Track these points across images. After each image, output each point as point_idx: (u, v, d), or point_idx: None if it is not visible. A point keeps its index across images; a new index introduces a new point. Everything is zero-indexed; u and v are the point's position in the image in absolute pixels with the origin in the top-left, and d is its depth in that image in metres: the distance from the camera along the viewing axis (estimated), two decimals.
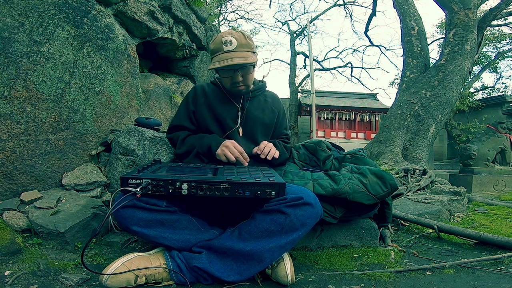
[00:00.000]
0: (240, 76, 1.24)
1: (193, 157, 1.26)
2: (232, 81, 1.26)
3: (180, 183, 0.92)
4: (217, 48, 1.22)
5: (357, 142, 14.81)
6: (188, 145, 1.29)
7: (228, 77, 1.26)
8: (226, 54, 1.19)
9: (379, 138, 4.22)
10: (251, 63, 1.23)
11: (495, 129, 4.88)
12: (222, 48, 1.20)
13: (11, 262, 1.02)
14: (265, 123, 1.39)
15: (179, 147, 1.31)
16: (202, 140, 1.26)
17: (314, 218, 0.96)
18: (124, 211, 0.92)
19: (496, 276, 1.09)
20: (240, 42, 1.21)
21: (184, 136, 1.32)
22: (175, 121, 1.37)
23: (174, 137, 1.36)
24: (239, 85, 1.27)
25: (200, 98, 1.35)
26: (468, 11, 4.55)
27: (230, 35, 1.21)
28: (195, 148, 1.26)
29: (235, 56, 1.19)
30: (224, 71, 1.24)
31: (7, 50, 1.26)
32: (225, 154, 1.18)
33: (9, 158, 1.29)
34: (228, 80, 1.27)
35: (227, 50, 1.19)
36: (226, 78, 1.27)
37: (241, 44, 1.21)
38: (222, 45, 1.20)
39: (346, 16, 28.90)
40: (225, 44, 1.19)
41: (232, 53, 1.19)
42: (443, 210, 1.97)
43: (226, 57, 1.19)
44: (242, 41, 1.22)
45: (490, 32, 11.63)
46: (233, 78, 1.25)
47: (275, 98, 1.50)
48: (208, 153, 1.24)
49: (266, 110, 1.41)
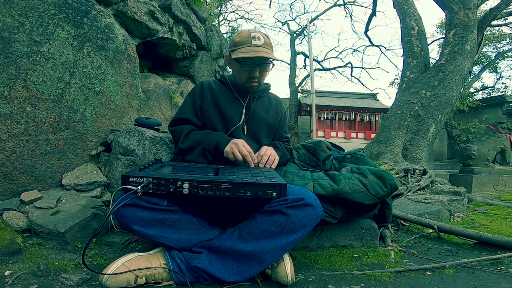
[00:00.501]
0: (258, 72, 1.27)
1: (198, 153, 1.25)
2: (249, 75, 1.28)
3: (181, 182, 0.92)
4: (245, 41, 1.24)
5: (357, 142, 14.81)
6: (193, 140, 1.27)
7: (248, 70, 1.27)
8: (255, 47, 1.22)
9: (379, 138, 4.22)
10: (274, 59, 1.27)
11: (495, 129, 4.89)
12: (250, 41, 1.23)
13: (11, 262, 1.02)
14: (269, 124, 1.41)
15: (182, 141, 1.28)
16: (209, 137, 1.25)
17: (314, 219, 0.96)
18: (125, 210, 0.92)
19: (496, 276, 1.09)
20: (266, 41, 1.25)
21: (189, 130, 1.30)
22: (180, 114, 1.35)
23: (177, 130, 1.32)
24: (254, 81, 1.29)
25: (207, 94, 1.35)
26: (468, 11, 4.55)
27: (257, 32, 1.26)
28: (201, 144, 1.24)
29: (263, 50, 1.23)
30: (246, 64, 1.25)
31: (7, 50, 1.26)
32: (233, 152, 1.17)
33: (9, 158, 1.29)
34: (246, 73, 1.28)
35: (256, 44, 1.23)
36: (244, 71, 1.28)
37: (267, 43, 1.26)
38: (250, 39, 1.23)
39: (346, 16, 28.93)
40: (254, 38, 1.23)
41: (260, 47, 1.23)
42: (443, 210, 1.97)
43: (255, 50, 1.22)
44: (267, 40, 1.27)
45: (490, 32, 11.63)
46: (251, 72, 1.27)
47: (279, 101, 1.53)
48: (215, 150, 1.23)
49: (271, 111, 1.43)
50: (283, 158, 1.40)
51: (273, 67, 1.31)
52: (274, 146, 1.37)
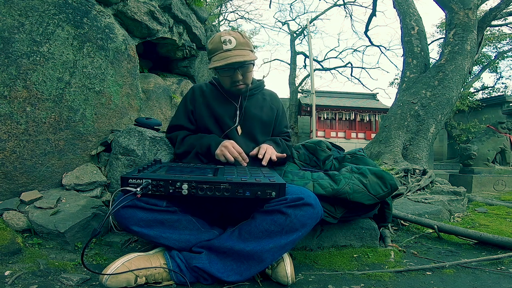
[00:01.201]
0: (240, 74, 1.24)
1: (193, 157, 1.26)
2: (232, 80, 1.26)
3: (180, 183, 0.92)
4: (216, 47, 1.21)
5: (357, 142, 14.81)
6: (187, 145, 1.29)
7: (228, 76, 1.25)
8: (226, 53, 1.19)
9: (379, 138, 4.22)
10: (251, 61, 1.23)
11: (495, 129, 4.88)
12: (221, 47, 1.20)
13: (11, 262, 1.02)
14: (264, 121, 1.39)
15: (178, 147, 1.31)
16: (201, 140, 1.26)
17: (314, 218, 0.96)
18: (125, 211, 0.92)
19: (496, 276, 1.09)
20: (239, 41, 1.21)
21: (183, 136, 1.32)
22: (174, 121, 1.38)
23: (173, 136, 1.37)
24: (239, 84, 1.27)
25: (199, 98, 1.35)
26: (468, 11, 4.55)
27: (228, 34, 1.21)
28: (194, 148, 1.26)
29: (235, 54, 1.19)
30: (224, 70, 1.24)
31: (7, 50, 1.26)
32: (224, 155, 1.18)
33: (9, 158, 1.29)
34: (228, 79, 1.27)
35: (227, 49, 1.19)
36: (226, 77, 1.27)
37: (240, 42, 1.21)
38: (221, 44, 1.20)
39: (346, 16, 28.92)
40: (224, 43, 1.19)
41: (232, 52, 1.19)
42: (443, 210, 1.97)
43: (226, 56, 1.19)
44: (241, 40, 1.22)
45: (490, 32, 11.62)
46: (233, 77, 1.25)
47: (274, 96, 1.50)
48: (207, 153, 1.24)
49: (265, 108, 1.41)
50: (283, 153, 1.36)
51: (254, 66, 1.28)
52: (274, 142, 1.36)
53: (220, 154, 1.19)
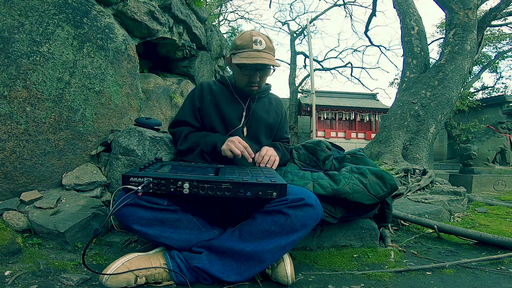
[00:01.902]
0: (258, 76, 1.26)
1: (197, 155, 1.26)
2: (249, 80, 1.27)
3: (181, 182, 0.92)
4: (246, 44, 1.22)
5: (357, 142, 14.82)
6: (191, 142, 1.28)
7: (248, 75, 1.26)
8: (256, 52, 1.21)
9: (379, 138, 4.22)
10: (274, 66, 1.25)
11: (495, 129, 4.89)
12: (251, 46, 1.21)
13: (11, 262, 1.02)
14: (269, 124, 1.40)
15: (181, 143, 1.30)
16: (206, 138, 1.26)
17: (314, 219, 0.96)
18: (126, 209, 0.92)
19: (496, 276, 1.09)
20: (268, 44, 1.23)
21: (187, 132, 1.31)
22: (179, 116, 1.36)
23: (177, 132, 1.35)
24: (254, 85, 1.28)
25: (207, 96, 1.35)
26: (468, 11, 4.55)
27: (259, 35, 1.23)
28: (199, 146, 1.25)
29: (264, 56, 1.21)
30: (247, 69, 1.24)
31: (7, 50, 1.26)
32: (231, 149, 1.18)
33: (9, 158, 1.29)
34: (246, 78, 1.27)
35: (257, 49, 1.21)
36: (244, 76, 1.27)
37: (269, 47, 1.24)
38: (251, 43, 1.21)
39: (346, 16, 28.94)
40: (255, 43, 1.21)
41: (261, 53, 1.21)
42: (443, 210, 1.97)
43: (256, 55, 1.20)
44: (269, 44, 1.24)
45: (490, 32, 11.63)
46: (251, 77, 1.26)
47: (279, 101, 1.52)
48: (212, 151, 1.24)
49: (271, 112, 1.42)
50: (283, 158, 1.40)
51: (274, 72, 1.30)
52: (274, 147, 1.37)
53: (226, 149, 1.19)
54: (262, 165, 1.23)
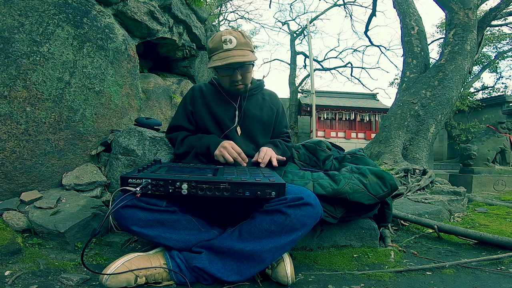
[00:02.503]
0: (239, 74, 1.24)
1: (192, 157, 1.27)
2: (231, 80, 1.26)
3: (180, 183, 0.92)
4: (217, 46, 1.21)
5: (357, 142, 14.81)
6: (187, 145, 1.29)
7: (227, 75, 1.26)
8: (226, 52, 1.19)
9: (379, 138, 4.22)
10: (251, 61, 1.23)
11: (495, 129, 4.88)
12: (222, 47, 1.20)
13: (11, 262, 1.02)
14: (264, 121, 1.39)
15: (178, 147, 1.31)
16: (200, 141, 1.27)
17: (314, 218, 0.96)
18: (124, 211, 0.92)
19: (496, 276, 1.09)
20: (239, 41, 1.21)
21: (183, 136, 1.33)
22: (174, 122, 1.38)
23: (173, 137, 1.37)
24: (238, 84, 1.28)
25: (198, 99, 1.36)
26: (468, 11, 4.55)
27: (229, 34, 1.21)
28: (194, 149, 1.26)
29: (235, 54, 1.19)
30: (224, 70, 1.24)
31: (7, 50, 1.26)
32: (223, 155, 1.18)
33: (9, 158, 1.29)
34: (227, 79, 1.27)
35: (227, 49, 1.19)
36: (225, 77, 1.27)
37: (241, 43, 1.21)
38: (221, 43, 1.20)
39: (346, 16, 28.91)
40: (225, 42, 1.19)
41: (232, 52, 1.19)
42: (443, 210, 1.97)
43: (226, 56, 1.19)
44: (242, 40, 1.22)
45: (490, 32, 11.63)
46: (232, 77, 1.25)
47: (274, 96, 1.49)
48: (206, 153, 1.25)
49: (265, 108, 1.41)
50: (283, 155, 1.38)
51: (254, 66, 1.28)
52: (273, 145, 1.36)
53: (219, 155, 1.19)
54: (262, 165, 1.22)
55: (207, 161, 1.27)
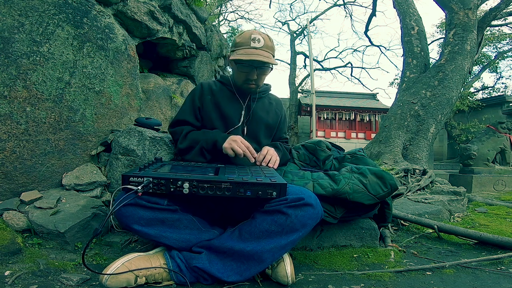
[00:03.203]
0: (256, 74, 1.26)
1: (196, 152, 1.26)
2: (246, 77, 1.28)
3: (181, 182, 0.92)
4: (245, 42, 1.24)
5: (357, 142, 14.81)
6: (191, 140, 1.28)
7: (245, 72, 1.27)
8: (253, 49, 1.22)
9: (379, 138, 4.22)
10: (271, 64, 1.26)
11: (495, 129, 4.89)
12: (249, 43, 1.22)
13: (11, 262, 1.02)
14: (269, 124, 1.41)
15: (181, 141, 1.30)
16: (206, 135, 1.26)
17: (314, 219, 0.96)
18: (126, 209, 0.92)
19: (496, 276, 1.09)
20: (267, 43, 1.24)
21: (188, 131, 1.32)
22: (180, 116, 1.37)
23: (177, 131, 1.35)
24: (251, 83, 1.29)
25: (207, 95, 1.36)
26: (468, 11, 4.55)
27: (258, 34, 1.25)
28: (199, 143, 1.25)
29: (261, 53, 1.22)
30: (244, 66, 1.25)
31: (7, 50, 1.26)
32: (233, 148, 1.18)
33: (9, 158, 1.29)
34: (244, 75, 1.28)
35: (255, 47, 1.22)
36: (242, 73, 1.28)
37: (267, 45, 1.24)
38: (250, 40, 1.22)
39: (346, 16, 28.94)
40: (254, 40, 1.22)
41: (259, 50, 1.22)
42: (443, 210, 1.97)
43: (252, 52, 1.21)
44: (269, 43, 1.25)
45: (490, 32, 11.63)
46: (249, 75, 1.27)
47: (279, 102, 1.53)
48: (212, 148, 1.24)
49: (271, 112, 1.44)
50: (283, 158, 1.41)
51: (271, 70, 1.30)
52: (274, 147, 1.38)
53: (228, 147, 1.19)
54: (263, 164, 1.23)
55: (211, 157, 1.27)
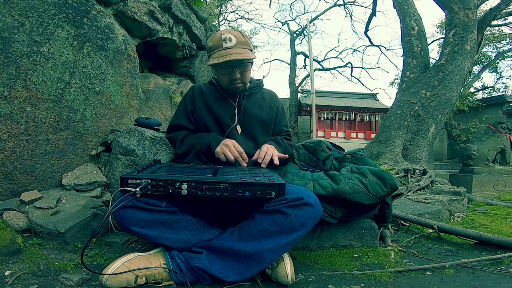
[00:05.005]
0: (238, 73, 1.25)
1: (193, 156, 1.26)
2: (230, 78, 1.27)
3: (179, 183, 0.92)
4: (216, 45, 1.23)
5: (357, 142, 14.81)
6: (188, 144, 1.29)
7: (226, 73, 1.26)
8: (225, 50, 1.20)
9: (379, 138, 4.22)
10: (249, 59, 1.24)
11: (495, 129, 4.88)
12: (221, 45, 1.21)
13: (11, 262, 1.02)
14: (263, 120, 1.39)
15: (179, 147, 1.31)
16: (201, 139, 1.27)
17: (314, 218, 0.96)
18: (124, 211, 0.92)
19: (496, 276, 1.09)
20: (239, 39, 1.22)
21: (184, 135, 1.33)
22: (174, 121, 1.38)
23: (173, 137, 1.37)
24: (236, 82, 1.28)
25: (198, 98, 1.36)
26: (468, 11, 4.55)
27: (229, 33, 1.23)
28: (195, 147, 1.26)
29: (234, 52, 1.20)
30: (223, 68, 1.24)
31: (7, 50, 1.26)
32: (225, 153, 1.18)
33: (9, 158, 1.29)
34: (226, 77, 1.27)
35: (227, 47, 1.21)
36: (224, 75, 1.28)
37: (240, 41, 1.23)
38: (221, 42, 1.21)
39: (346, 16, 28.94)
40: (225, 41, 1.21)
41: (231, 50, 1.20)
42: (443, 210, 1.97)
43: (225, 53, 1.20)
44: (241, 39, 1.23)
45: (490, 32, 11.62)
46: (231, 75, 1.26)
47: (273, 95, 1.50)
48: (207, 151, 1.24)
49: (264, 107, 1.41)
50: (285, 153, 1.35)
51: (252, 65, 1.29)
52: (275, 142, 1.35)
53: (220, 152, 1.19)
54: (263, 166, 1.22)
55: (207, 160, 1.27)
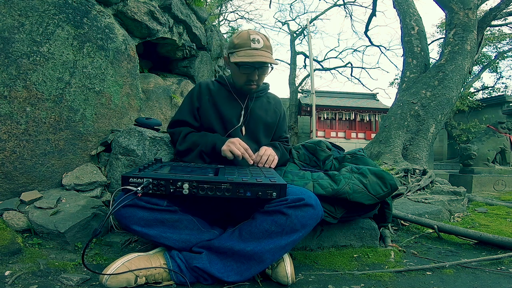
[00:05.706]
0: (257, 75, 1.26)
1: (196, 155, 1.26)
2: (247, 78, 1.27)
3: (181, 183, 0.92)
4: (244, 43, 1.22)
5: (357, 142, 14.81)
6: (190, 142, 1.28)
7: (246, 73, 1.26)
8: (255, 51, 1.21)
9: (379, 138, 4.22)
10: (272, 64, 1.25)
11: (495, 129, 4.89)
12: (249, 44, 1.21)
13: (11, 262, 1.02)
14: (268, 124, 1.40)
15: (180, 143, 1.30)
16: (205, 138, 1.26)
17: (314, 219, 0.96)
18: (125, 210, 0.92)
19: (496, 276, 1.09)
20: (265, 43, 1.24)
21: (186, 132, 1.32)
22: (178, 116, 1.36)
23: (176, 132, 1.35)
24: (252, 84, 1.29)
25: (205, 95, 1.35)
26: (468, 11, 4.55)
27: (256, 34, 1.24)
28: (199, 146, 1.25)
29: (262, 54, 1.21)
30: (246, 67, 1.24)
31: (7, 50, 1.26)
32: (231, 150, 1.18)
33: (9, 158, 1.29)
34: (245, 76, 1.27)
35: (255, 48, 1.21)
36: (243, 75, 1.27)
37: (266, 45, 1.24)
38: (249, 41, 1.21)
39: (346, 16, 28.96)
40: (253, 41, 1.21)
41: (260, 51, 1.21)
42: (443, 210, 1.97)
43: (255, 54, 1.20)
44: (267, 42, 1.25)
45: (490, 32, 11.63)
46: (250, 76, 1.26)
47: (278, 101, 1.52)
48: (212, 151, 1.24)
49: (269, 111, 1.42)
50: (282, 158, 1.40)
51: (272, 70, 1.30)
52: (273, 146, 1.37)
53: (226, 149, 1.19)
54: (260, 165, 1.23)
55: (210, 160, 1.26)
